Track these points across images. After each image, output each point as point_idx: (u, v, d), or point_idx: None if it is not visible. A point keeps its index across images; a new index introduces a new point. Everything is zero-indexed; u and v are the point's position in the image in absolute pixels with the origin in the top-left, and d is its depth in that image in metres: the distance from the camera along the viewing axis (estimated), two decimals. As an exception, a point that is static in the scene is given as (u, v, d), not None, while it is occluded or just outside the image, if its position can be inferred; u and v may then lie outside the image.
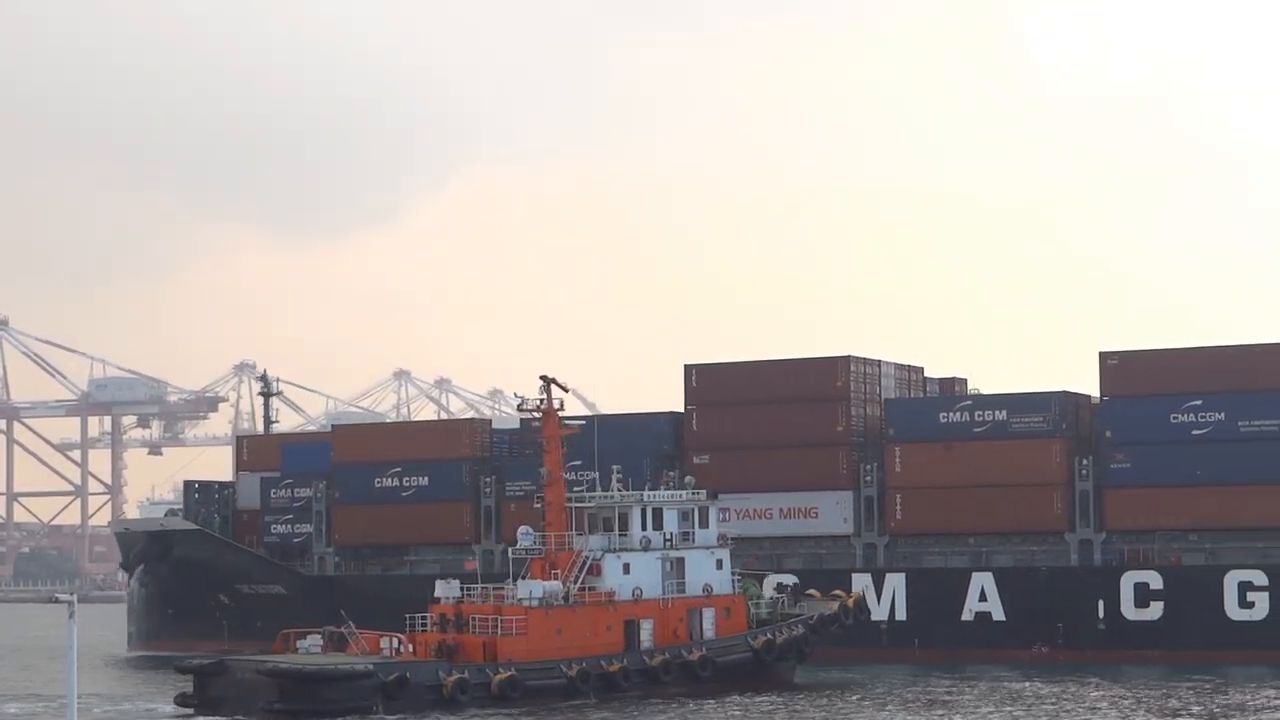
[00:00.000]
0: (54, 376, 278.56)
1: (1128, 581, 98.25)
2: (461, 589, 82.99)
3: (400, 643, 79.24)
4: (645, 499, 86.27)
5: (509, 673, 76.94)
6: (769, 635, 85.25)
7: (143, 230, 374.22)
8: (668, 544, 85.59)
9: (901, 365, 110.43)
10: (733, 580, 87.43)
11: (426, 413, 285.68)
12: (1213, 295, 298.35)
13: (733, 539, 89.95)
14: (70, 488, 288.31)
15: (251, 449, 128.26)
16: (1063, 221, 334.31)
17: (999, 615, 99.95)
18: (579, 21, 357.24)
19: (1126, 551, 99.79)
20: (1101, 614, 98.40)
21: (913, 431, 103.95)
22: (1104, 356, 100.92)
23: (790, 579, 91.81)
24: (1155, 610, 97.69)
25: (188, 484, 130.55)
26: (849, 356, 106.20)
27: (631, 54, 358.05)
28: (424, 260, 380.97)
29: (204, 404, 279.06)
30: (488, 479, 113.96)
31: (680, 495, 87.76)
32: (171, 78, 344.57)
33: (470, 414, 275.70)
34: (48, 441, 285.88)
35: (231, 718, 75.40)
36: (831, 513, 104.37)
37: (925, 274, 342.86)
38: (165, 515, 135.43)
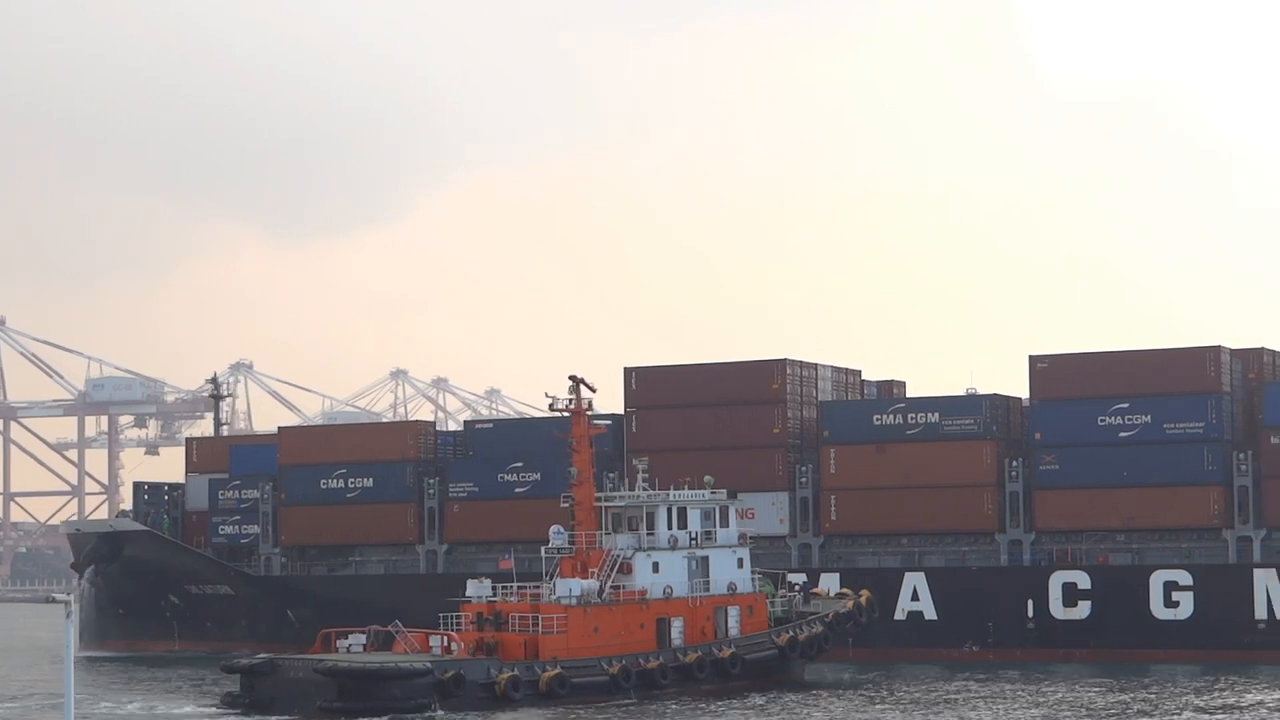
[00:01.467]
0: (51, 376, 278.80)
1: (1056, 581, 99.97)
2: (493, 588, 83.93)
3: (450, 641, 79.78)
4: (671, 498, 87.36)
5: (556, 670, 77.99)
6: (792, 633, 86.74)
7: (140, 230, 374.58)
8: (693, 543, 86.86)
9: (839, 368, 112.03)
10: (752, 578, 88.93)
11: (423, 412, 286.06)
12: (1203, 296, 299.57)
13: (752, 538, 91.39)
14: (67, 488, 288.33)
15: (201, 451, 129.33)
16: (1036, 221, 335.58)
17: (931, 614, 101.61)
18: (577, 21, 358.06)
19: (1055, 552, 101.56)
20: (1031, 613, 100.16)
21: (847, 434, 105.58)
22: (1033, 360, 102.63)
23: (800, 577, 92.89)
24: (1083, 609, 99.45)
25: (137, 485, 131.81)
26: (785, 360, 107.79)
27: (623, 55, 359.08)
28: (422, 260, 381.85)
29: (201, 403, 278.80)
30: (431, 480, 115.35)
31: (703, 495, 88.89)
32: (169, 78, 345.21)
33: (467, 414, 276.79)
34: (44, 441, 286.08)
35: (284, 717, 75.74)
36: (768, 513, 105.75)
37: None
38: (116, 516, 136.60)
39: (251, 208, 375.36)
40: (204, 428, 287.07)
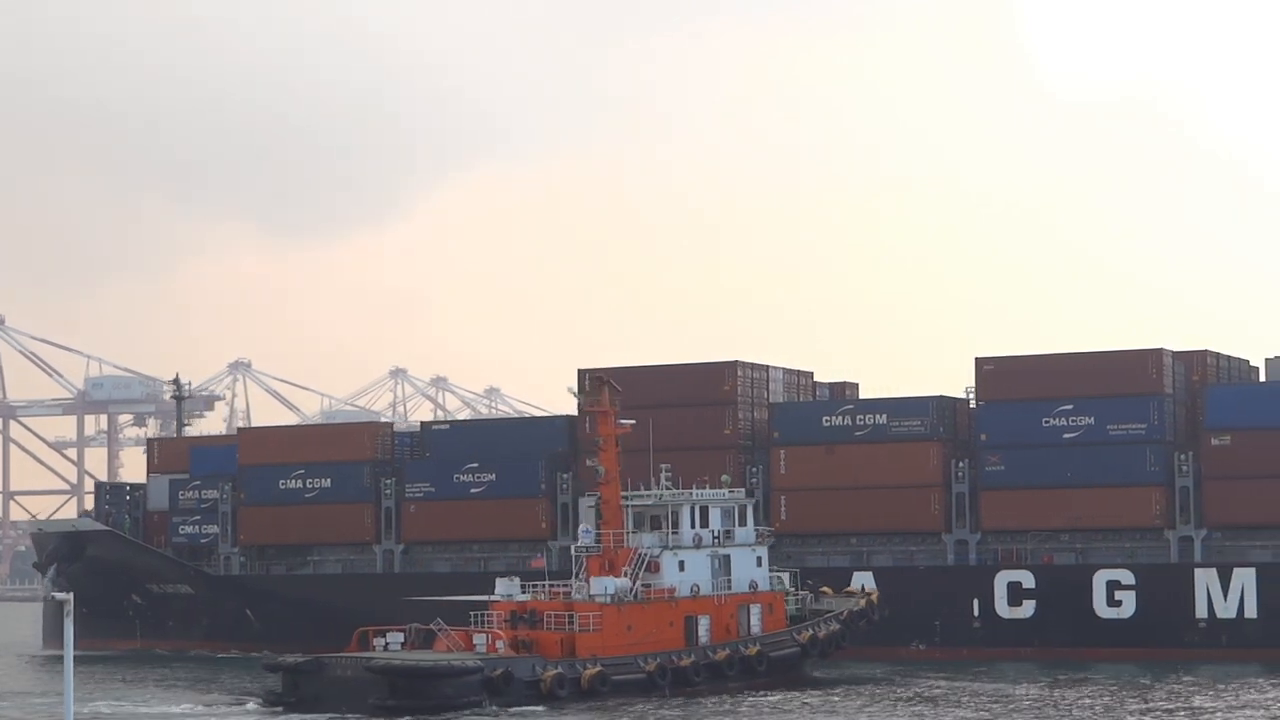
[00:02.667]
0: (50, 375, 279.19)
1: (1001, 580, 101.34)
2: (522, 586, 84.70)
3: (495, 639, 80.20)
4: (694, 497, 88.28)
5: (598, 668, 78.80)
6: (812, 631, 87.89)
7: (140, 228, 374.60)
8: (715, 541, 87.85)
9: (790, 370, 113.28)
10: (770, 577, 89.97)
11: (423, 411, 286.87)
12: (1202, 296, 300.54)
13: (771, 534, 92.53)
14: (66, 486, 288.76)
15: (162, 451, 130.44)
16: (1036, 221, 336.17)
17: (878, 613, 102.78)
18: (574, 22, 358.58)
19: (1000, 551, 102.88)
20: (977, 612, 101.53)
21: (797, 435, 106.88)
22: (980, 362, 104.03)
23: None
24: (1028, 609, 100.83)
25: (99, 485, 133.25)
26: (736, 362, 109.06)
27: (629, 53, 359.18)
28: (421, 259, 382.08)
29: (200, 402, 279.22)
30: (388, 480, 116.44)
31: (723, 494, 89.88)
32: (169, 76, 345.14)
33: (467, 413, 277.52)
34: (43, 440, 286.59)
35: (330, 715, 76.19)
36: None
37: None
38: (79, 516, 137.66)
39: (252, 206, 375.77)
40: (203, 427, 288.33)
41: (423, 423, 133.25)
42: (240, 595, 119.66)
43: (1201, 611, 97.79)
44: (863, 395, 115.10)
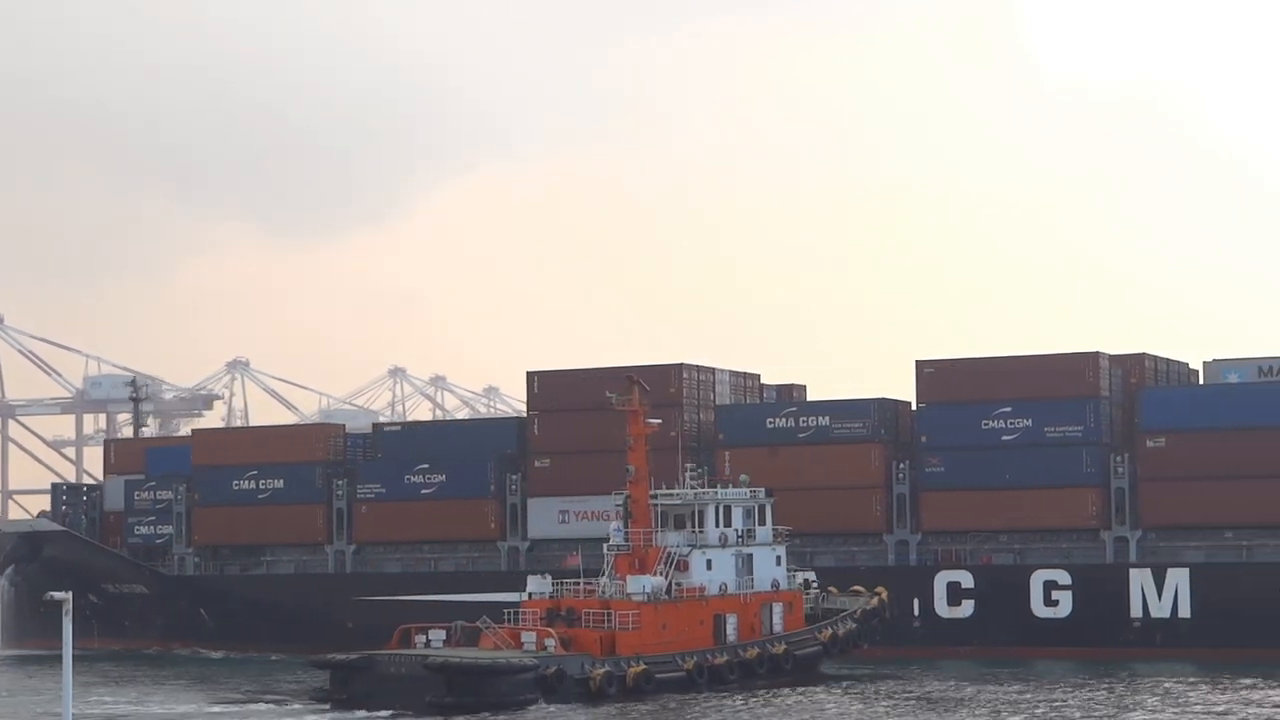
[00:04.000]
0: (49, 374, 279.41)
1: (941, 580, 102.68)
2: (554, 585, 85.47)
3: (544, 637, 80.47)
4: (718, 496, 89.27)
5: (642, 667, 79.52)
6: (832, 629, 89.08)
7: (139, 228, 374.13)
8: (739, 540, 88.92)
9: (736, 372, 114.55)
10: (788, 575, 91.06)
11: (421, 410, 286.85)
12: (1203, 297, 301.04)
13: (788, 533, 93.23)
14: (65, 486, 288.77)
15: (118, 452, 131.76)
16: (1036, 222, 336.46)
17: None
18: (574, 22, 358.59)
19: (940, 552, 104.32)
20: (917, 612, 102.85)
21: (742, 436, 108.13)
22: (920, 365, 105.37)
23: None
24: (967, 608, 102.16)
25: (55, 486, 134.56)
26: (682, 364, 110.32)
27: (629, 53, 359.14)
28: (420, 257, 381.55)
29: (199, 401, 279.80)
30: (340, 481, 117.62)
31: (744, 493, 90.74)
32: (169, 75, 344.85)
33: (466, 412, 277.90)
34: (42, 439, 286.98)
35: (382, 713, 76.44)
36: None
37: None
38: (36, 517, 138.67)
39: (251, 205, 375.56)
40: (202, 426, 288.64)
41: (374, 424, 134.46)
42: (194, 595, 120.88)
43: (1136, 611, 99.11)
44: (810, 398, 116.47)
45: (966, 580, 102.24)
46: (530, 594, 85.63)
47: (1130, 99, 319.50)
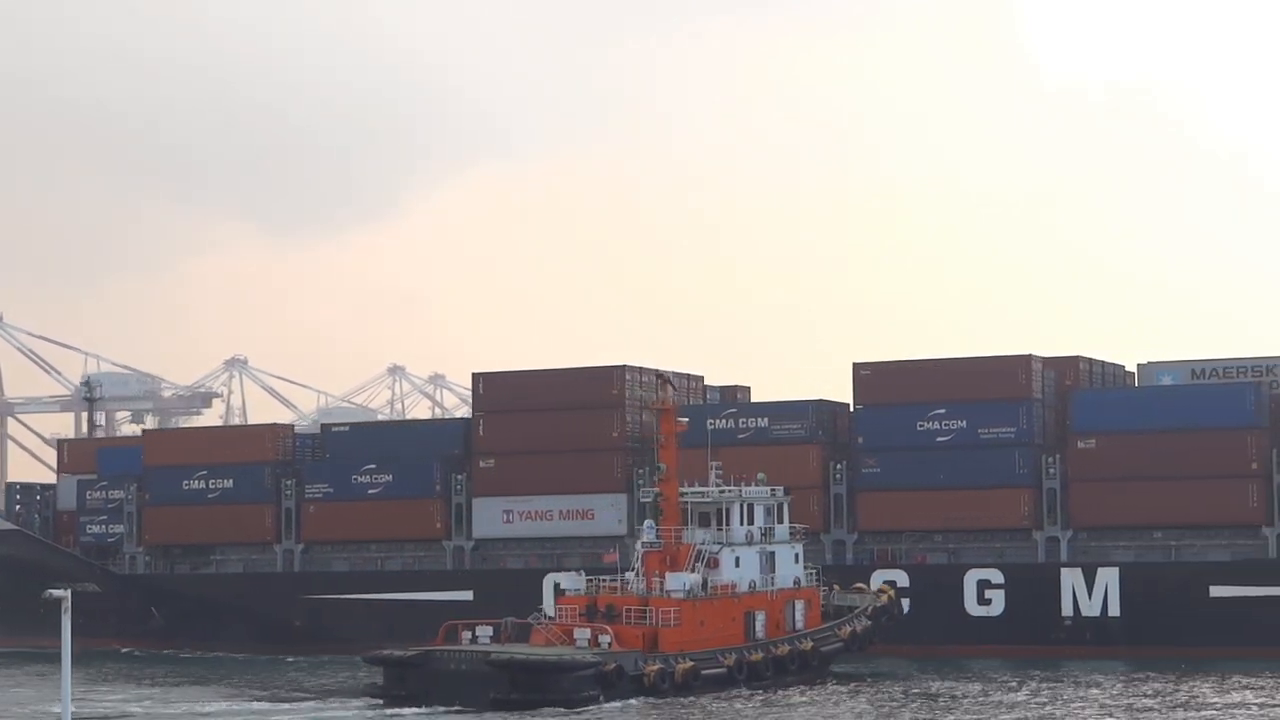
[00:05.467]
0: (49, 372, 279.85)
1: (877, 579, 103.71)
2: (587, 581, 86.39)
3: (598, 634, 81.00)
4: (743, 494, 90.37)
5: (690, 663, 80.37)
6: (851, 626, 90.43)
7: (139, 226, 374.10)
8: (763, 538, 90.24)
9: (681, 374, 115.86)
10: (807, 572, 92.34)
11: (421, 409, 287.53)
12: (1202, 297, 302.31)
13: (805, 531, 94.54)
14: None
15: (71, 452, 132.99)
16: (1035, 222, 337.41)
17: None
18: (574, 22, 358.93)
19: (876, 551, 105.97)
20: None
21: (682, 437, 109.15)
22: (857, 367, 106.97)
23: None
24: (902, 607, 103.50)
25: (9, 485, 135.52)
26: (624, 366, 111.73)
27: (629, 53, 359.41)
28: (420, 257, 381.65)
29: (198, 399, 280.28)
30: (289, 481, 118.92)
31: (765, 492, 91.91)
32: (168, 74, 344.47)
33: (464, 410, 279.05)
34: (40, 436, 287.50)
35: (448, 709, 76.72)
36: (607, 514, 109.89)
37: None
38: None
39: (250, 204, 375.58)
40: (202, 424, 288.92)
41: (322, 425, 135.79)
42: (145, 594, 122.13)
43: (1067, 610, 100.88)
44: (753, 399, 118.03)
45: (902, 579, 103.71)
46: (563, 590, 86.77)
47: (1130, 99, 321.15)
